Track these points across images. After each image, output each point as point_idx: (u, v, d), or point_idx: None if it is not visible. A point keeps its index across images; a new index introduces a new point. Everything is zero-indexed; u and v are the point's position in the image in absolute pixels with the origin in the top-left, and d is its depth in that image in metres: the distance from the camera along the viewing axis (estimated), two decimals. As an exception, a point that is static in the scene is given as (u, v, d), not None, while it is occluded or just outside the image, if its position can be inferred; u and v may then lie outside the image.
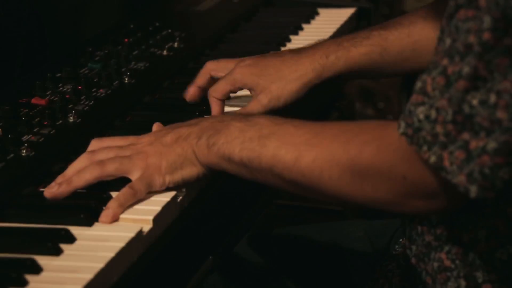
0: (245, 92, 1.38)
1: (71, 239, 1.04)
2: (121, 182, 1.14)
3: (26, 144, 1.20)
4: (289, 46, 1.71)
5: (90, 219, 1.08)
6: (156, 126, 1.22)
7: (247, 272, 1.42)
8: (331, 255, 1.39)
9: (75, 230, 1.05)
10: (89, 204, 1.10)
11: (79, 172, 1.13)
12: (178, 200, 1.15)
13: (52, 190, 1.12)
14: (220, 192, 1.26)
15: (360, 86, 2.85)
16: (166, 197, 1.13)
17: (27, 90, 1.37)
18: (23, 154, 1.18)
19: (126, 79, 1.45)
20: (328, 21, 1.84)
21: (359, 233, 1.39)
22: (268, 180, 1.08)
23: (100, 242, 1.04)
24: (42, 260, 0.99)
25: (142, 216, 1.09)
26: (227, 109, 1.37)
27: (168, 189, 1.15)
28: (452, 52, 0.91)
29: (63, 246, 1.02)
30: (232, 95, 1.38)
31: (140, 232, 1.06)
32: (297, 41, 1.73)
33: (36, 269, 0.97)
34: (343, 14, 1.87)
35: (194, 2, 1.87)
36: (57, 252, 1.01)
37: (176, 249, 1.15)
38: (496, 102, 0.89)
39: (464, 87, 0.90)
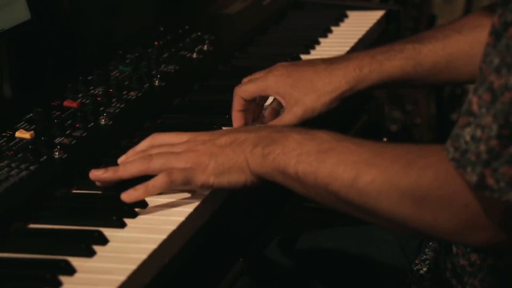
0: None
1: (104, 240, 1.05)
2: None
3: (58, 146, 1.21)
4: (318, 48, 1.71)
5: (122, 221, 1.09)
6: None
7: (277, 275, 1.41)
8: (360, 259, 1.38)
9: (107, 231, 1.06)
10: (121, 206, 1.11)
11: (126, 164, 1.13)
12: (209, 202, 1.15)
13: (97, 174, 1.13)
14: (249, 195, 1.27)
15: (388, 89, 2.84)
16: (197, 199, 1.14)
17: (59, 93, 1.38)
18: (56, 156, 1.20)
19: (157, 81, 1.46)
20: (357, 23, 1.84)
21: (388, 237, 1.37)
22: (322, 197, 1.04)
23: (132, 244, 1.04)
24: (75, 261, 1.00)
25: (174, 217, 1.10)
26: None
27: (199, 191, 1.15)
28: (501, 66, 0.88)
29: (96, 247, 1.03)
30: None
31: (172, 234, 1.06)
32: (326, 44, 1.73)
33: (70, 270, 0.98)
34: (373, 17, 1.86)
35: (223, 5, 1.87)
36: (90, 253, 1.02)
37: (207, 251, 1.15)
38: None
39: (511, 98, 0.87)
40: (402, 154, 0.99)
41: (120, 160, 1.18)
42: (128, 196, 1.10)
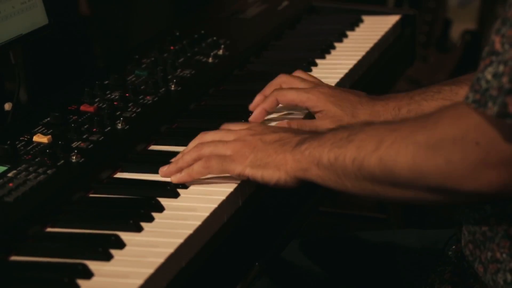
0: None
1: (120, 244, 1.05)
2: (170, 188, 1.16)
3: (75, 151, 1.22)
4: (334, 53, 1.71)
5: (139, 225, 1.09)
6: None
7: (296, 278, 1.42)
8: (382, 261, 1.38)
9: (124, 235, 1.06)
10: (138, 210, 1.11)
11: (184, 156, 1.20)
12: (226, 207, 1.16)
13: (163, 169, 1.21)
14: (266, 199, 1.27)
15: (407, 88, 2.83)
16: (214, 203, 1.14)
17: (76, 98, 1.39)
18: (73, 160, 1.20)
19: (173, 86, 1.47)
20: (373, 28, 1.84)
21: (411, 240, 1.38)
22: (351, 181, 1.08)
23: (149, 248, 1.05)
24: (92, 265, 1.00)
25: (191, 221, 1.10)
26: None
27: (212, 197, 1.16)
28: None
29: (113, 251, 1.03)
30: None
31: (188, 238, 1.07)
32: (341, 48, 1.73)
33: (88, 274, 0.99)
34: (388, 21, 1.86)
35: (239, 10, 1.88)
36: (108, 257, 1.02)
37: (223, 255, 1.16)
38: None
39: None
40: (421, 116, 1.05)
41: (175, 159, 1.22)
42: (175, 178, 1.18)
